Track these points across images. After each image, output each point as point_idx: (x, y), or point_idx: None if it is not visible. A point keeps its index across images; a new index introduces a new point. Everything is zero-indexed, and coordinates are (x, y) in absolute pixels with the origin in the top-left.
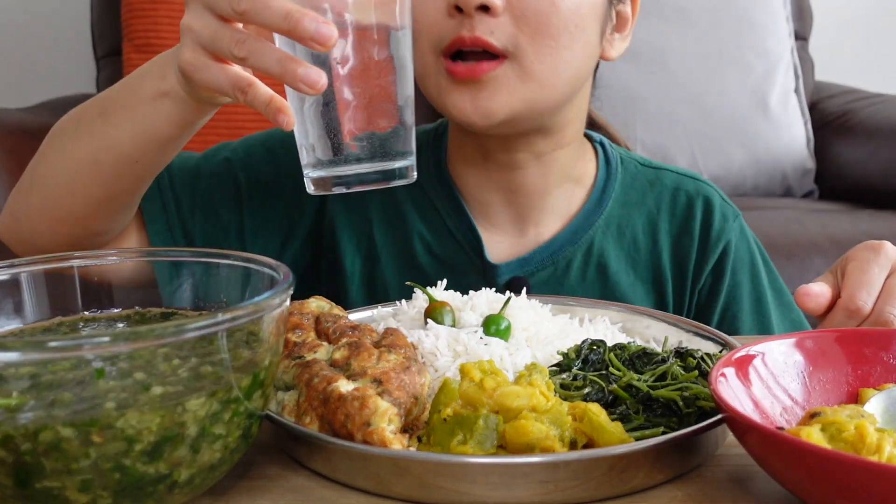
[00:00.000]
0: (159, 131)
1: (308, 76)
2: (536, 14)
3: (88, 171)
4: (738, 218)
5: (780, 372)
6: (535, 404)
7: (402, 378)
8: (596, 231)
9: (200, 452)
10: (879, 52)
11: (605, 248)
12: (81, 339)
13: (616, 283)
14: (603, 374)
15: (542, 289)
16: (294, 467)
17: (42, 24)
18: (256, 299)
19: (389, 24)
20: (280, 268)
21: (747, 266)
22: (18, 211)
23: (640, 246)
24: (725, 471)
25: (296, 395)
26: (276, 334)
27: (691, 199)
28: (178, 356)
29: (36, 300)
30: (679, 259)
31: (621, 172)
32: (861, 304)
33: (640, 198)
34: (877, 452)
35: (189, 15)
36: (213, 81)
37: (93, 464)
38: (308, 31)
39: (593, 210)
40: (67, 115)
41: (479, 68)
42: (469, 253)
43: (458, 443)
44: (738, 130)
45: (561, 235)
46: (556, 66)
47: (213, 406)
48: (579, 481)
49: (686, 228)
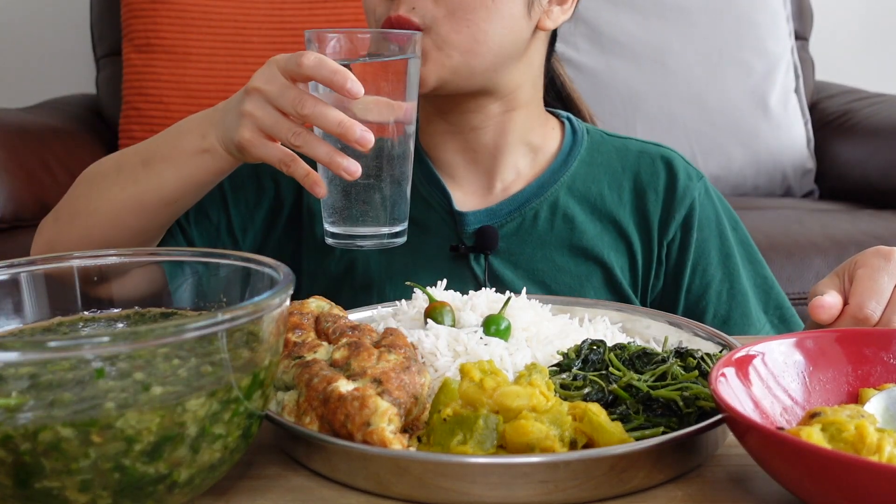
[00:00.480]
0: (199, 179)
1: (349, 168)
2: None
3: (132, 209)
4: (702, 179)
5: (780, 372)
6: (535, 404)
7: (402, 378)
8: (561, 186)
9: (200, 452)
10: (879, 52)
11: (571, 202)
12: (81, 340)
13: (583, 232)
14: (603, 374)
15: (511, 240)
16: (294, 467)
17: (42, 25)
18: (256, 299)
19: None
20: (280, 267)
21: (713, 223)
22: (56, 241)
23: (606, 199)
24: (726, 471)
25: (296, 395)
26: (275, 334)
27: (654, 160)
28: (178, 356)
29: (35, 300)
30: (643, 213)
31: (587, 140)
32: (870, 314)
33: (605, 160)
34: (877, 452)
35: (251, 104)
36: (265, 156)
37: (92, 464)
38: (354, 137)
39: (558, 169)
40: (104, 162)
41: None
42: (440, 211)
43: (458, 443)
44: (739, 130)
45: (527, 189)
46: (474, 36)
47: (212, 406)
48: (579, 481)
49: (651, 185)
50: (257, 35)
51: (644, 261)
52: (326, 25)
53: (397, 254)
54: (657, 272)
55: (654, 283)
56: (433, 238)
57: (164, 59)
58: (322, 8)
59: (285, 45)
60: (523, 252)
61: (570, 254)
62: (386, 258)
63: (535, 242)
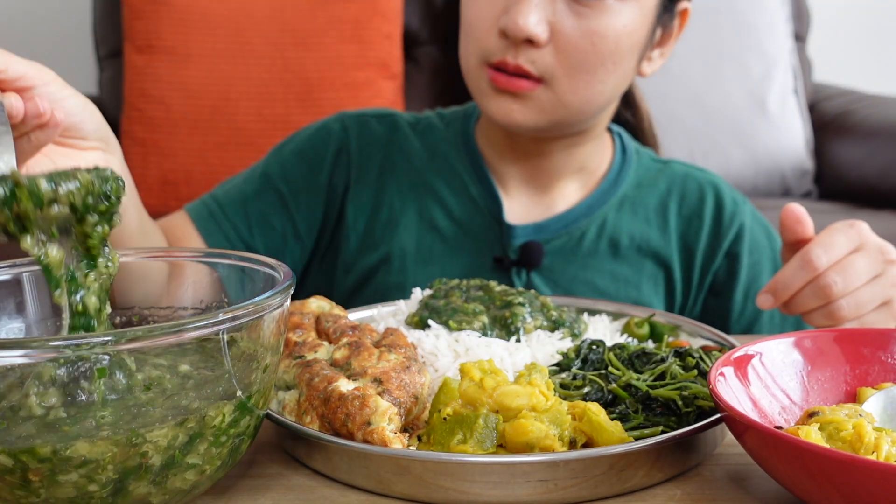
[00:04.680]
0: None
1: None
2: (577, 51)
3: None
4: (747, 202)
5: (778, 371)
6: (534, 404)
7: (403, 377)
8: (610, 208)
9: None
10: (878, 52)
11: (619, 224)
12: (83, 339)
13: (625, 257)
14: (602, 373)
15: (555, 257)
16: (295, 466)
17: (43, 26)
18: (257, 299)
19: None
20: (280, 267)
21: (766, 247)
22: None
23: (652, 223)
24: (724, 470)
25: (296, 394)
26: (276, 334)
27: (701, 185)
28: (177, 358)
29: (38, 299)
30: (687, 241)
31: (636, 162)
32: (814, 259)
33: (652, 183)
34: (874, 451)
35: None
36: None
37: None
38: None
39: (609, 189)
40: None
41: (518, 84)
42: (487, 217)
43: (458, 442)
44: (737, 131)
45: (577, 208)
46: (588, 98)
47: (224, 412)
48: (578, 480)
49: (697, 212)
50: (257, 36)
51: (682, 290)
52: (326, 27)
53: (436, 251)
54: (695, 299)
55: (692, 309)
56: (476, 242)
57: (164, 59)
58: (322, 9)
59: (285, 45)
60: (565, 272)
61: (611, 278)
62: (425, 255)
63: (578, 263)
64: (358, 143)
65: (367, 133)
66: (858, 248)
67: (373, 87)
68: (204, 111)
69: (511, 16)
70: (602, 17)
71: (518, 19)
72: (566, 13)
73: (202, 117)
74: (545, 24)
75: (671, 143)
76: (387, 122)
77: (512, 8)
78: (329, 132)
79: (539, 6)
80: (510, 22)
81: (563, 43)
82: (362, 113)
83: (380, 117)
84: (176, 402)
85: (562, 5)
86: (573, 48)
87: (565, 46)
